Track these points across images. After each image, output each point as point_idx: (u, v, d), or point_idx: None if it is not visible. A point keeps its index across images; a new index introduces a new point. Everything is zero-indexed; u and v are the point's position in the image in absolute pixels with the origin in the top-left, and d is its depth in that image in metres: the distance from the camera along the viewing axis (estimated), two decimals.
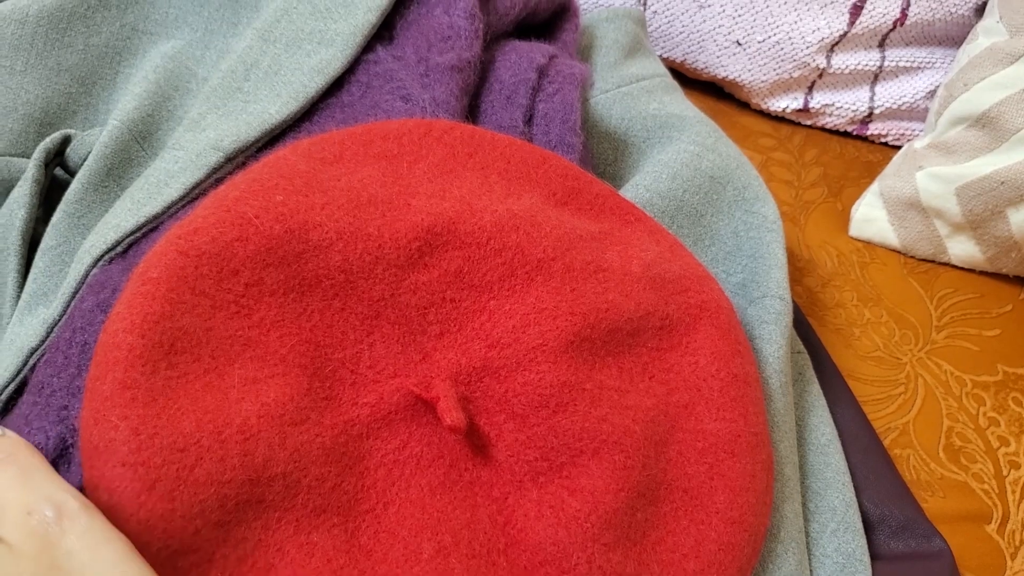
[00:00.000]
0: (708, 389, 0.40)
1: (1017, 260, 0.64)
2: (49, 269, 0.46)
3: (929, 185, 0.64)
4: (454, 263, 0.36)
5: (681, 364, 0.41)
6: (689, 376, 0.41)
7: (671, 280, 0.42)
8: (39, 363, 0.39)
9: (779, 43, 0.72)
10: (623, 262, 0.41)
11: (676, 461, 0.38)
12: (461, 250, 0.36)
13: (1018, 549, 0.51)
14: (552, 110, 0.50)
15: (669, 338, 0.41)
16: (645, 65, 0.63)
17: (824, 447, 0.47)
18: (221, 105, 0.50)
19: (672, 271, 0.42)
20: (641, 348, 0.40)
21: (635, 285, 0.40)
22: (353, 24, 0.51)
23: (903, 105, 0.75)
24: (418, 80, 0.49)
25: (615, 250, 0.41)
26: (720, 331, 0.42)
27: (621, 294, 0.39)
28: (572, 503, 0.35)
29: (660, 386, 0.40)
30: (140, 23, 0.59)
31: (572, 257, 0.39)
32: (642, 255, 0.42)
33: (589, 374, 0.37)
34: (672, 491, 0.38)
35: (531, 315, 0.37)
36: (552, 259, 0.38)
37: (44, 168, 0.49)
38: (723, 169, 0.54)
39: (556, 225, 0.39)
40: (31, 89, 0.53)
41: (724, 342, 0.42)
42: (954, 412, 0.57)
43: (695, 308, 0.42)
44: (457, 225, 0.36)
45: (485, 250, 0.37)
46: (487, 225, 0.37)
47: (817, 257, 0.66)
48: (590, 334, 0.38)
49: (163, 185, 0.46)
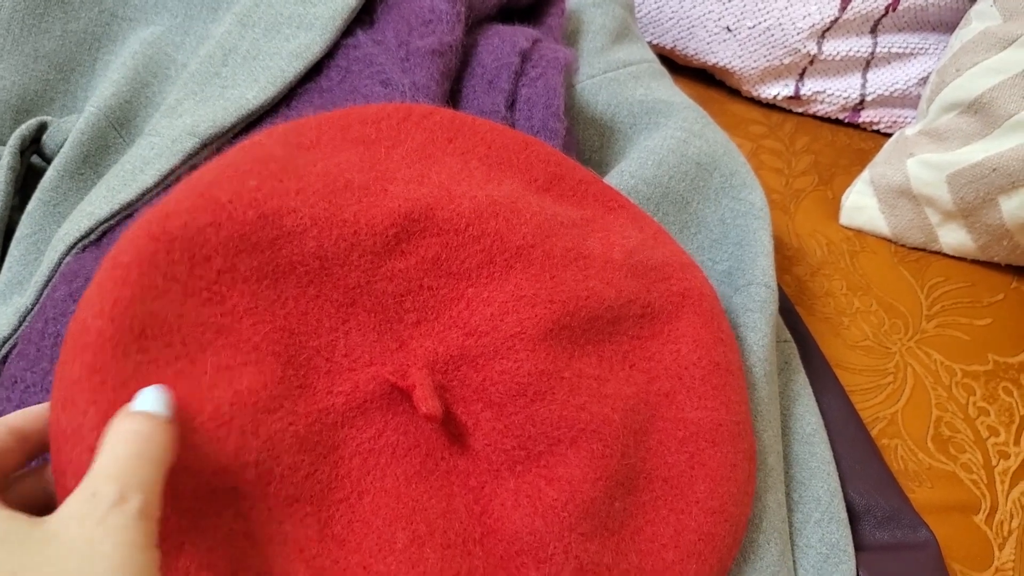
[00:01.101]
0: (690, 377, 0.40)
1: (1009, 248, 0.64)
2: (24, 258, 0.45)
3: (920, 173, 0.64)
4: (431, 250, 0.36)
5: (662, 352, 0.40)
6: (670, 364, 0.40)
7: (653, 268, 0.42)
8: (11, 355, 0.38)
9: (769, 29, 0.72)
10: (605, 249, 0.40)
11: (656, 450, 0.38)
12: (439, 237, 0.36)
13: (1006, 540, 0.50)
14: (535, 95, 0.49)
15: (651, 326, 0.41)
16: (632, 50, 0.62)
17: (809, 436, 0.47)
18: (199, 91, 0.50)
19: (655, 258, 0.42)
20: (622, 336, 0.40)
21: (616, 273, 0.40)
22: (333, 8, 0.50)
23: (895, 92, 0.74)
24: (398, 64, 0.48)
25: (597, 237, 0.41)
26: (703, 319, 0.42)
27: (602, 281, 0.39)
28: (549, 492, 0.34)
29: (641, 374, 0.39)
30: (119, 9, 0.58)
31: (552, 244, 0.38)
32: (624, 242, 0.41)
33: (568, 362, 0.37)
34: (652, 480, 0.37)
35: (510, 303, 0.36)
36: (532, 246, 0.38)
37: (20, 156, 0.48)
38: (710, 156, 0.54)
39: (537, 211, 0.39)
40: (7, 76, 0.52)
41: (707, 330, 0.41)
42: (943, 402, 0.56)
43: (677, 296, 0.42)
44: (435, 211, 0.36)
45: (463, 237, 0.36)
46: (466, 212, 0.36)
47: (807, 245, 0.66)
48: (570, 322, 0.37)
49: (138, 172, 0.45)
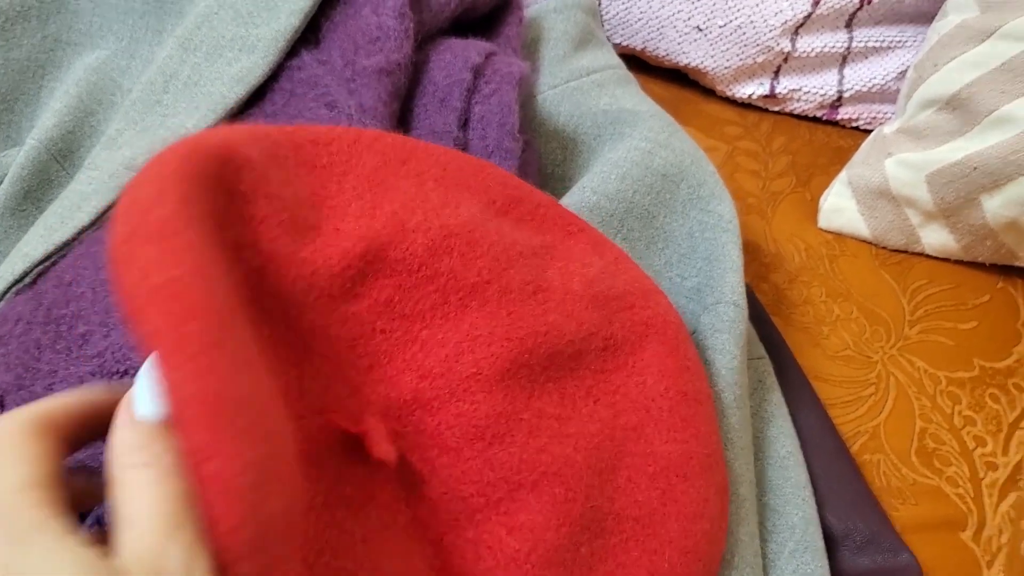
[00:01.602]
0: (657, 409, 0.38)
1: (993, 248, 0.62)
2: None
3: (899, 173, 0.62)
4: (384, 292, 0.34)
5: (627, 385, 0.39)
6: (636, 397, 0.39)
7: (615, 297, 0.40)
8: None
9: (741, 27, 0.69)
10: (564, 280, 0.39)
11: (625, 488, 0.37)
12: (392, 278, 0.34)
13: (995, 556, 0.48)
14: (488, 112, 0.47)
15: (614, 358, 0.39)
16: (597, 57, 0.60)
17: (783, 460, 0.45)
18: (139, 120, 0.48)
19: (616, 287, 0.41)
20: (584, 371, 0.38)
21: (577, 304, 0.38)
22: (275, 29, 0.48)
23: (874, 87, 0.72)
24: (344, 85, 0.46)
25: (556, 267, 0.39)
26: (668, 348, 0.40)
27: (562, 315, 0.37)
28: (510, 542, 0.33)
29: (605, 409, 0.38)
30: (63, 34, 0.56)
31: (510, 278, 0.37)
32: (585, 271, 0.40)
33: (527, 402, 0.35)
34: (621, 521, 0.36)
35: (464, 343, 0.35)
36: (487, 282, 0.36)
37: None
38: (676, 166, 0.52)
39: (494, 242, 0.37)
40: None
41: (672, 359, 0.40)
42: (927, 412, 0.54)
43: (641, 325, 0.40)
44: (387, 251, 0.34)
45: (416, 278, 0.35)
46: (419, 250, 0.35)
47: (784, 251, 0.64)
48: (528, 359, 0.36)
49: (75, 209, 0.44)
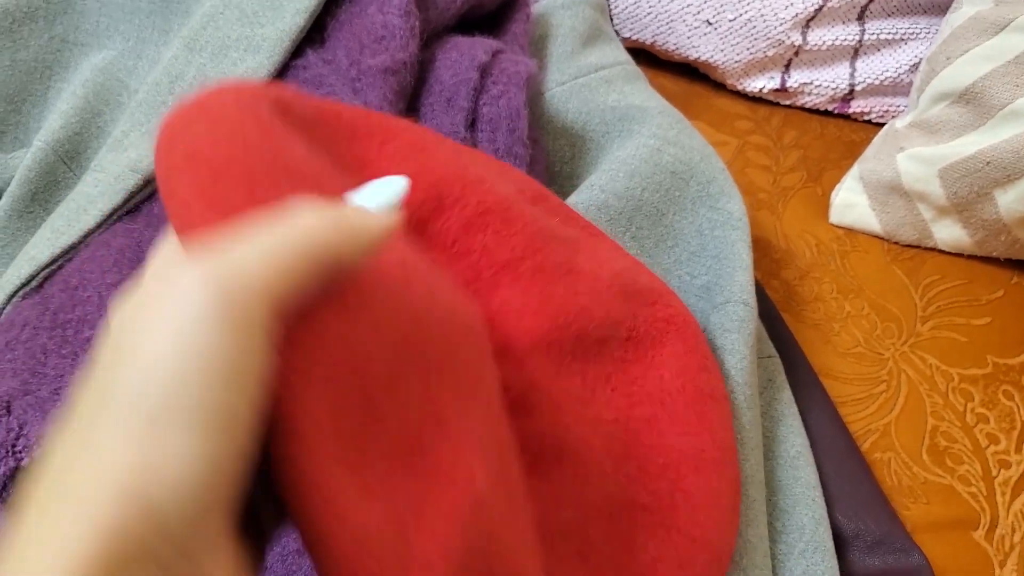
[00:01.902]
0: (672, 404, 0.39)
1: (1008, 243, 0.61)
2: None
3: (911, 167, 0.61)
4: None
5: (646, 377, 0.39)
6: (653, 390, 0.39)
7: (638, 292, 0.41)
8: None
9: (751, 21, 0.68)
10: (594, 268, 0.39)
11: (636, 476, 0.37)
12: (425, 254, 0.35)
13: (1008, 555, 0.48)
14: (496, 115, 0.47)
15: (635, 350, 0.40)
16: (605, 53, 0.60)
17: (793, 460, 0.44)
18: (145, 121, 0.48)
19: (640, 283, 0.41)
20: (607, 358, 0.38)
21: (606, 293, 0.39)
22: (280, 28, 0.48)
23: (886, 80, 0.71)
24: (349, 84, 0.46)
25: (585, 255, 0.40)
26: (687, 347, 0.41)
27: (592, 300, 0.38)
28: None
29: (623, 399, 0.38)
30: (70, 34, 0.56)
31: (544, 257, 0.37)
32: (611, 263, 0.40)
33: (553, 380, 0.36)
34: (631, 509, 0.36)
35: (496, 317, 0.35)
36: (520, 258, 0.37)
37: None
38: (685, 163, 0.51)
39: (528, 222, 0.38)
40: None
41: (692, 358, 0.40)
42: (939, 410, 0.54)
43: (662, 322, 0.41)
44: (424, 226, 0.35)
45: (449, 254, 0.35)
46: (454, 226, 0.35)
47: (795, 247, 0.63)
48: (557, 337, 0.36)
49: (82, 212, 0.44)
